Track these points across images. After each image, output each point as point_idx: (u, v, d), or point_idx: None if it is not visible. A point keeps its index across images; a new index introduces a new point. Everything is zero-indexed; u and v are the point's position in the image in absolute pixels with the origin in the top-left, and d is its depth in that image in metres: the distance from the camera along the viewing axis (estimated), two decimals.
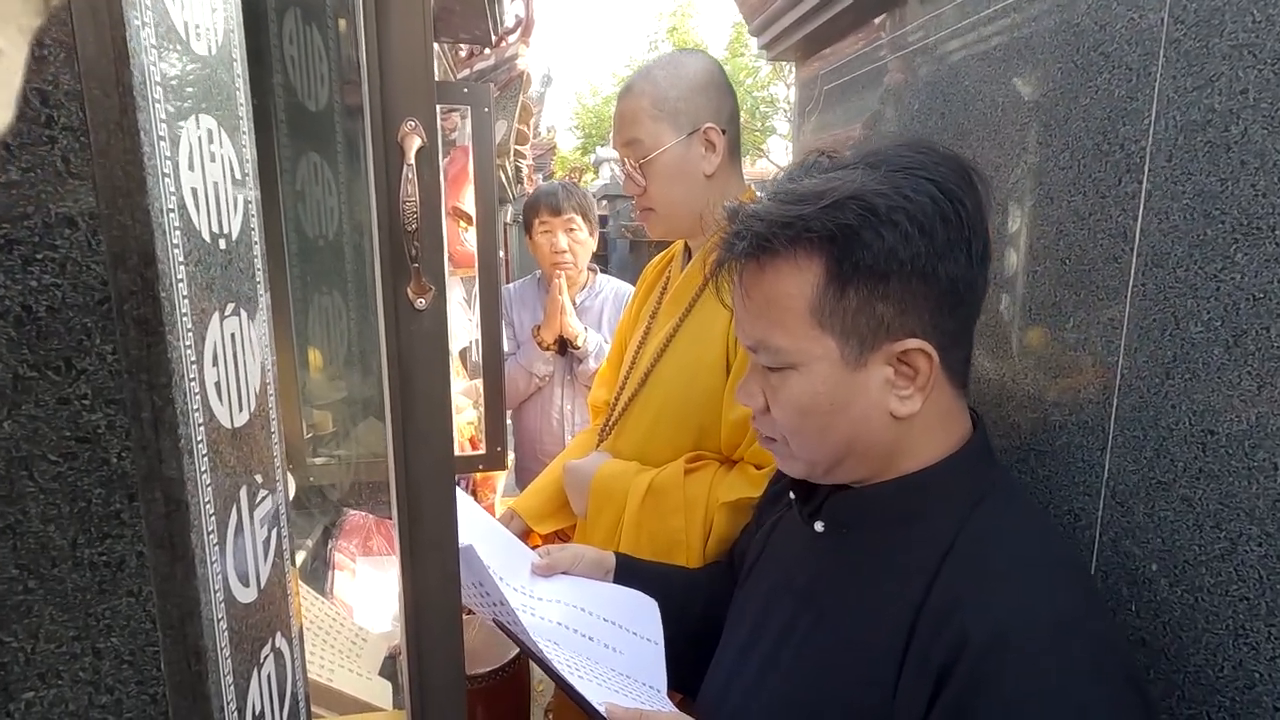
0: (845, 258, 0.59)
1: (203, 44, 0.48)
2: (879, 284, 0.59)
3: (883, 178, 0.59)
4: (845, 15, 1.21)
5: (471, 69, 3.00)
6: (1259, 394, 0.57)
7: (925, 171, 0.60)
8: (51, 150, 0.39)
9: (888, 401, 0.62)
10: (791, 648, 0.69)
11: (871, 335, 0.61)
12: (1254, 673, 0.57)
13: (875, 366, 0.62)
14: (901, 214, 0.58)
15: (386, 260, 0.58)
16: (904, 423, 0.63)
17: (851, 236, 0.59)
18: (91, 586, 0.43)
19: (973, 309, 0.64)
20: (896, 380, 0.62)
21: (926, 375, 0.61)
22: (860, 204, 0.58)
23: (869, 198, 0.58)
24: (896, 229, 0.58)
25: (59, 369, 0.41)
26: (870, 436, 0.64)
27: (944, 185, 0.59)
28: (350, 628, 1.25)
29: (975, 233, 0.61)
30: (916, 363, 0.61)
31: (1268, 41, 0.55)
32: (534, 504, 1.30)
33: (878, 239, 0.58)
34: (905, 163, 0.61)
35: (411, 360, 0.61)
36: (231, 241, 0.52)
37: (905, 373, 0.62)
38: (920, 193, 0.58)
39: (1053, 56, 0.78)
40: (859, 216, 0.58)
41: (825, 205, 0.59)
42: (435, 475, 0.63)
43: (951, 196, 0.59)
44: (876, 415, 0.63)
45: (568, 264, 2.18)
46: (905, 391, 0.62)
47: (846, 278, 0.60)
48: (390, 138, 0.57)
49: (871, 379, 0.62)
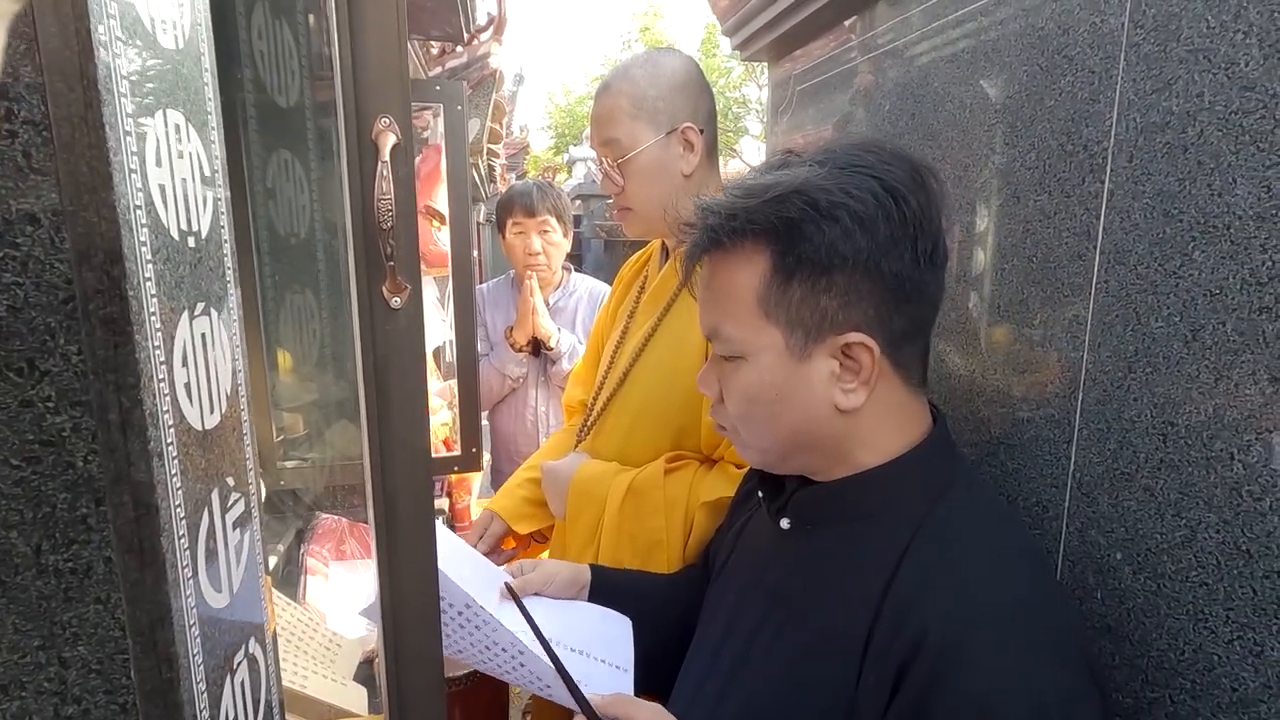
0: (789, 250, 0.61)
1: (169, 38, 0.47)
2: (822, 277, 0.61)
3: (827, 174, 0.61)
4: (817, 17, 1.22)
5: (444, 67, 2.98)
6: (1216, 386, 0.59)
7: (870, 170, 0.62)
8: (12, 145, 0.37)
9: (832, 394, 0.64)
10: (761, 647, 0.69)
11: (815, 327, 0.62)
12: (1213, 655, 0.59)
13: (820, 359, 0.63)
14: (843, 210, 0.60)
15: (361, 259, 0.58)
16: (851, 416, 0.65)
17: (794, 229, 0.61)
18: (57, 594, 0.42)
19: (923, 307, 0.65)
20: (841, 374, 0.63)
21: (869, 370, 0.63)
22: (802, 198, 0.60)
23: (811, 192, 0.60)
24: (838, 224, 0.60)
25: (21, 370, 0.40)
26: (817, 429, 0.65)
27: (887, 183, 0.61)
28: (324, 633, 1.24)
29: (922, 231, 0.62)
30: (859, 356, 0.62)
31: (1221, 47, 0.57)
32: (510, 503, 1.29)
33: (819, 233, 0.60)
34: (851, 160, 0.63)
35: (387, 360, 0.60)
36: (201, 240, 0.51)
37: (850, 366, 0.63)
38: (863, 189, 0.60)
39: (1018, 59, 0.80)
40: (801, 210, 0.60)
41: (769, 199, 0.61)
42: (412, 476, 0.62)
43: (895, 194, 0.61)
44: (821, 407, 0.64)
45: (541, 266, 2.17)
46: (849, 385, 0.63)
47: (790, 270, 0.61)
48: (364, 135, 0.56)
49: (816, 371, 0.63)
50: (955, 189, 0.92)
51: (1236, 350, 0.57)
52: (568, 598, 0.91)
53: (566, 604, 0.90)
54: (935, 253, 0.64)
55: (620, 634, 0.85)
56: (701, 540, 1.02)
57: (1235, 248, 0.57)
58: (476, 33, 2.84)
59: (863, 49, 1.15)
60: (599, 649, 0.83)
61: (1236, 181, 0.57)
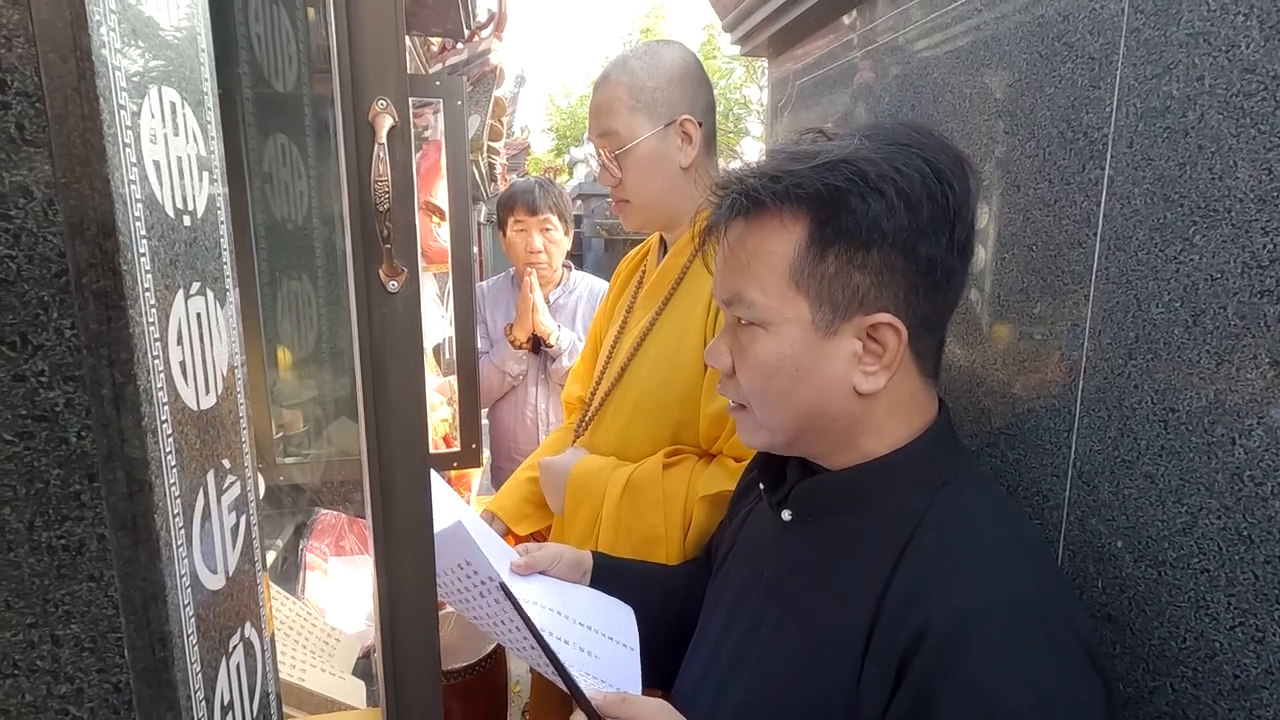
0: (830, 220, 0.60)
1: (165, 14, 0.47)
2: (859, 252, 0.60)
3: (876, 148, 0.60)
4: (816, 11, 1.22)
5: (444, 63, 2.98)
6: (1217, 371, 0.58)
7: (919, 150, 0.61)
8: (4, 116, 0.37)
9: (852, 375, 0.63)
10: (762, 640, 0.69)
11: (845, 304, 0.61)
12: (1214, 642, 0.59)
13: (844, 337, 0.62)
14: (890, 184, 0.59)
15: (358, 241, 0.58)
16: (866, 400, 0.64)
17: (838, 199, 0.59)
18: (50, 571, 0.41)
19: (949, 297, 0.65)
20: (864, 355, 0.63)
21: (894, 353, 0.62)
22: (851, 168, 0.59)
23: (860, 163, 0.59)
24: (883, 198, 0.59)
25: (14, 344, 0.39)
26: (831, 409, 0.64)
27: (935, 165, 0.60)
28: (322, 628, 1.23)
29: (960, 218, 0.61)
30: (885, 339, 0.62)
31: (1221, 30, 0.57)
32: (509, 504, 1.29)
33: (863, 205, 0.59)
34: (900, 138, 0.62)
35: (384, 344, 0.60)
36: (196, 219, 0.50)
37: (873, 349, 0.62)
38: (911, 167, 0.59)
39: (1018, 48, 0.80)
40: (848, 180, 0.59)
41: (817, 165, 0.60)
42: (409, 460, 0.62)
43: (941, 177, 0.60)
44: (839, 388, 0.63)
45: (542, 264, 2.17)
46: (871, 368, 0.63)
47: (828, 241, 0.60)
48: (361, 117, 0.56)
49: (839, 349, 0.62)
50: None
51: (1237, 335, 0.57)
52: (571, 581, 0.91)
53: (573, 586, 0.90)
54: (968, 243, 0.63)
55: (625, 618, 0.85)
56: (700, 535, 1.02)
57: (1236, 231, 0.56)
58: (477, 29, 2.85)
59: (861, 42, 1.15)
60: (606, 627, 0.83)
61: (1237, 164, 0.56)
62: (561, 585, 0.89)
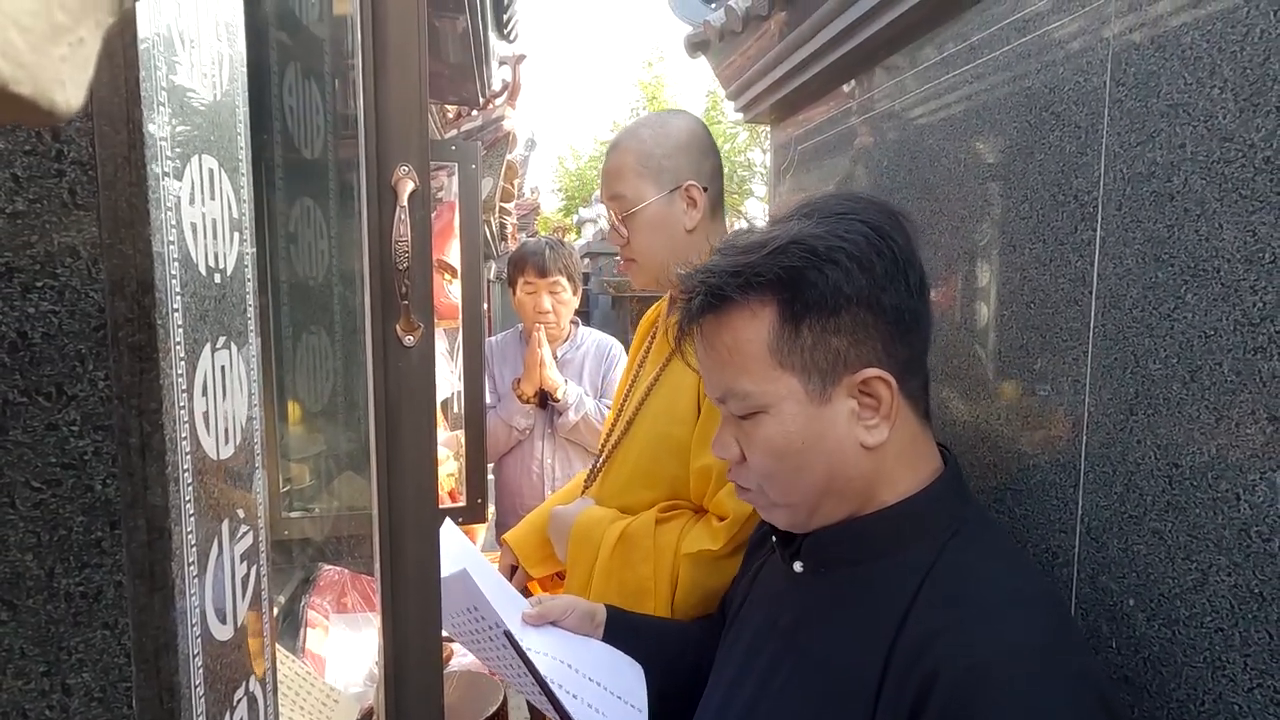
0: (795, 297, 0.63)
1: (209, 89, 0.51)
2: (830, 318, 0.63)
3: (818, 223, 0.65)
4: (815, 80, 1.28)
5: (459, 129, 3.10)
6: (1217, 426, 0.59)
7: (855, 215, 0.65)
8: (59, 183, 0.40)
9: (856, 433, 0.65)
10: (774, 691, 0.68)
11: (831, 369, 0.64)
12: (1234, 705, 0.58)
13: (839, 400, 0.64)
14: (840, 252, 0.63)
15: (377, 298, 0.60)
16: (876, 453, 0.65)
17: (798, 277, 0.63)
18: (66, 618, 0.42)
19: (921, 336, 0.68)
20: (861, 411, 0.65)
21: (889, 402, 0.64)
22: (801, 247, 0.63)
23: (808, 240, 0.63)
24: (838, 266, 0.62)
25: (50, 395, 0.41)
26: (846, 471, 0.65)
27: (874, 224, 0.65)
28: (321, 687, 1.21)
29: (910, 264, 0.66)
30: (878, 391, 0.64)
31: (1199, 101, 0.60)
32: (527, 545, 1.29)
33: (822, 277, 0.62)
34: (836, 209, 0.66)
35: (398, 396, 0.62)
36: (226, 276, 0.53)
37: (869, 403, 0.64)
38: (854, 232, 0.64)
39: (1008, 116, 0.84)
40: (802, 258, 0.63)
41: (770, 252, 0.64)
42: (418, 512, 0.63)
43: (882, 234, 0.64)
44: (849, 447, 0.65)
45: (550, 323, 2.21)
46: (871, 421, 0.64)
47: (799, 316, 0.63)
48: (384, 181, 0.59)
49: (838, 412, 0.64)
50: (953, 240, 0.95)
51: (1234, 390, 0.58)
52: (583, 633, 0.90)
53: (584, 639, 0.89)
54: (923, 284, 0.67)
55: (635, 677, 0.84)
56: (687, 591, 1.02)
57: (1226, 290, 0.58)
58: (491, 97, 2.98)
59: (860, 110, 1.20)
60: (616, 686, 0.82)
61: (1223, 226, 0.58)
62: (573, 638, 0.88)
